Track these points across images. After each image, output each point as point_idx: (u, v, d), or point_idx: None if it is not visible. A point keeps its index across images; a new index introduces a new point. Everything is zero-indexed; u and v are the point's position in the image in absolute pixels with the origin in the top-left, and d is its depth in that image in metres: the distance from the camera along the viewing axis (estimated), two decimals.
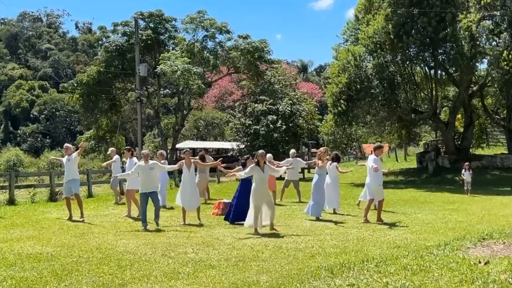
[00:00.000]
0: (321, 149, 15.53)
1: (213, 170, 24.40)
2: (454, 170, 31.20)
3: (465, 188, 22.46)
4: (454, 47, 29.46)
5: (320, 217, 13.72)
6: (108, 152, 19.55)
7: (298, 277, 7.12)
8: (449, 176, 30.83)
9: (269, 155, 18.80)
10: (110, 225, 12.65)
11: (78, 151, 14.31)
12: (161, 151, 18.18)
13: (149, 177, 12.21)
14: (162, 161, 15.77)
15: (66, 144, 14.69)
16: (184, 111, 43.07)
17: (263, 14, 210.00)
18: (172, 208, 15.93)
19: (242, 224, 12.02)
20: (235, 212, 12.80)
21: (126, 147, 17.26)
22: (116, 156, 18.10)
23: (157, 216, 12.21)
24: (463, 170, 22.92)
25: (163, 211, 14.65)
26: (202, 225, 12.70)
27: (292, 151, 19.92)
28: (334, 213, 15.11)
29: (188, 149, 14.28)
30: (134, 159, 15.28)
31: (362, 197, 16.18)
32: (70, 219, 13.54)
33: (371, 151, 13.99)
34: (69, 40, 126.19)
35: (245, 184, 12.70)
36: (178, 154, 49.85)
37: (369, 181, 13.42)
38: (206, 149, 51.70)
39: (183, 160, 13.39)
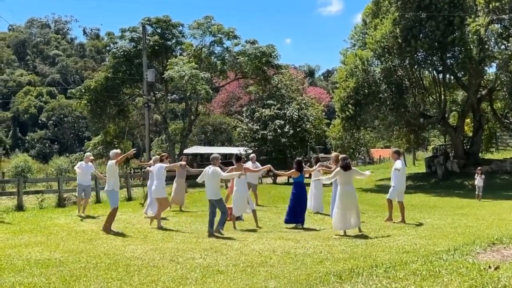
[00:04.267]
0: (333, 154, 15.68)
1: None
2: (463, 175, 31.06)
3: (476, 193, 22.38)
4: (462, 51, 29.35)
5: None
6: (88, 154, 18.51)
7: (306, 282, 7.11)
8: (458, 180, 30.67)
9: (252, 155, 19.01)
10: (118, 231, 12.66)
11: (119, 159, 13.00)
12: (156, 157, 17.41)
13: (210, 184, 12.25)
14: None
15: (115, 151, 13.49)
16: (192, 116, 43.18)
17: (273, 19, 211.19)
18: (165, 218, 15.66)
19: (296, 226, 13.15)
20: (290, 214, 13.50)
21: (164, 154, 16.52)
22: (84, 164, 16.87)
23: (219, 224, 12.07)
24: (476, 175, 22.84)
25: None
26: (259, 227, 12.97)
27: (252, 155, 19.89)
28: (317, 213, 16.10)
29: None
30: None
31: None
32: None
33: (396, 156, 14.49)
34: (77, 46, 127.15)
35: (298, 188, 13.59)
36: (186, 159, 49.92)
37: (399, 184, 14.12)
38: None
39: (234, 167, 13.64)
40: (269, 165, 15.40)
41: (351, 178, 12.14)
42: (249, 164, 15.79)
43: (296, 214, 13.37)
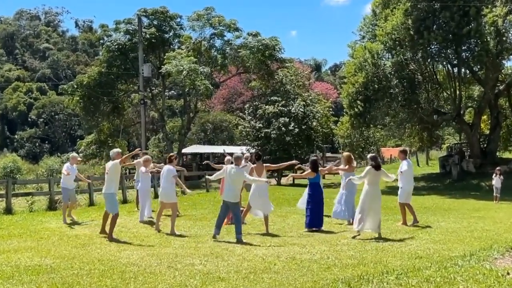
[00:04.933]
0: (344, 154, 15.75)
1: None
2: (479, 175, 31.02)
3: (494, 194, 22.34)
4: (478, 43, 29.31)
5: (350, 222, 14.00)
6: (75, 155, 18.01)
7: None
8: (475, 181, 30.65)
9: (246, 154, 19.18)
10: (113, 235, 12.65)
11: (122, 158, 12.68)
12: (146, 156, 16.78)
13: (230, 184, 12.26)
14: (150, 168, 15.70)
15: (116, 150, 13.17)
16: (191, 113, 43.18)
17: (277, 9, 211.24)
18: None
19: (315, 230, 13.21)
20: (312, 218, 13.53)
21: (172, 154, 16.13)
22: (70, 165, 16.30)
23: (237, 232, 11.94)
24: (494, 175, 22.80)
25: (153, 221, 14.54)
26: (268, 233, 12.90)
27: (246, 154, 19.84)
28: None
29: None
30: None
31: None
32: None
33: (403, 155, 14.85)
34: (68, 39, 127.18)
35: (315, 189, 13.64)
36: (185, 160, 49.98)
37: (407, 184, 14.36)
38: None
39: (254, 166, 13.71)
40: (295, 161, 15.72)
41: (379, 178, 12.33)
42: (242, 163, 15.80)
43: (318, 218, 13.51)
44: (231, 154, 14.38)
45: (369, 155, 13.06)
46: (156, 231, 13.19)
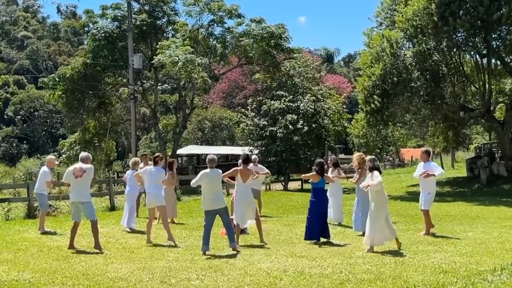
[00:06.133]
0: (356, 155, 15.80)
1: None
2: None
3: None
4: (511, 30, 29.23)
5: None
6: (52, 158, 17.72)
7: None
8: (506, 186, 30.58)
9: (253, 156, 19.24)
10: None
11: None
12: (135, 158, 16.96)
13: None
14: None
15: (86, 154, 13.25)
16: (187, 110, 43.17)
17: None
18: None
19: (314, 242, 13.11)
20: (310, 229, 13.42)
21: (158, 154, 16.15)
22: (47, 169, 16.33)
23: (231, 240, 12.06)
24: None
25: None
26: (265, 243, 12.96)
27: (254, 156, 19.86)
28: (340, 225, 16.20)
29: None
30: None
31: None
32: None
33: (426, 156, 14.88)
34: (49, 27, 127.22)
35: (318, 195, 13.61)
36: (180, 161, 50.00)
37: (433, 189, 14.62)
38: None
39: (238, 168, 13.52)
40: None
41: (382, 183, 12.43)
42: (250, 167, 15.80)
43: (319, 228, 13.35)
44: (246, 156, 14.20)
45: (368, 157, 13.09)
46: (147, 243, 13.20)
